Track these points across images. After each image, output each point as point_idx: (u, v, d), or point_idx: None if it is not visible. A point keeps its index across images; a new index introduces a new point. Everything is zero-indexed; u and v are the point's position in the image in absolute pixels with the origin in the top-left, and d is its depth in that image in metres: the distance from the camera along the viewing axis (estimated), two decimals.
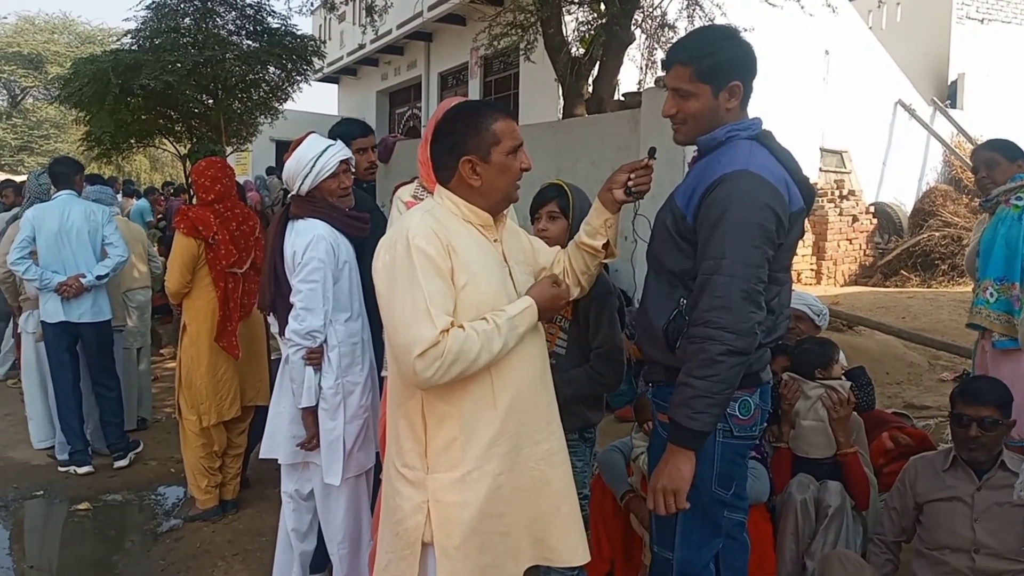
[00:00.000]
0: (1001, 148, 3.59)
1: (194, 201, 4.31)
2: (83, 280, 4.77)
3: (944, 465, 2.86)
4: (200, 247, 4.03)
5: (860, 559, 2.88)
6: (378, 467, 2.99)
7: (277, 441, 3.14)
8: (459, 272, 1.96)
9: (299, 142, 3.10)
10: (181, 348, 4.24)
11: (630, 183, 2.25)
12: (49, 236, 4.81)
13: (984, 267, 3.50)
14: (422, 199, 2.59)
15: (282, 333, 3.04)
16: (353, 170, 3.20)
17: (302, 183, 3.00)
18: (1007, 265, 3.40)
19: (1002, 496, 2.70)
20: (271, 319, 3.20)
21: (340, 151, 3.06)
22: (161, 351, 7.96)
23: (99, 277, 4.82)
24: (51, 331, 4.89)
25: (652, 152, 2.29)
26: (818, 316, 3.68)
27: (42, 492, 4.73)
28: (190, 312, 4.14)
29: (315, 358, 2.96)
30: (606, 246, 2.31)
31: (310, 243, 2.93)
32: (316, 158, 2.99)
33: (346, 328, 3.01)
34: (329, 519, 3.09)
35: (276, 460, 3.18)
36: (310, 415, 2.98)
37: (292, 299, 2.94)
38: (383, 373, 2.96)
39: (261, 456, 3.34)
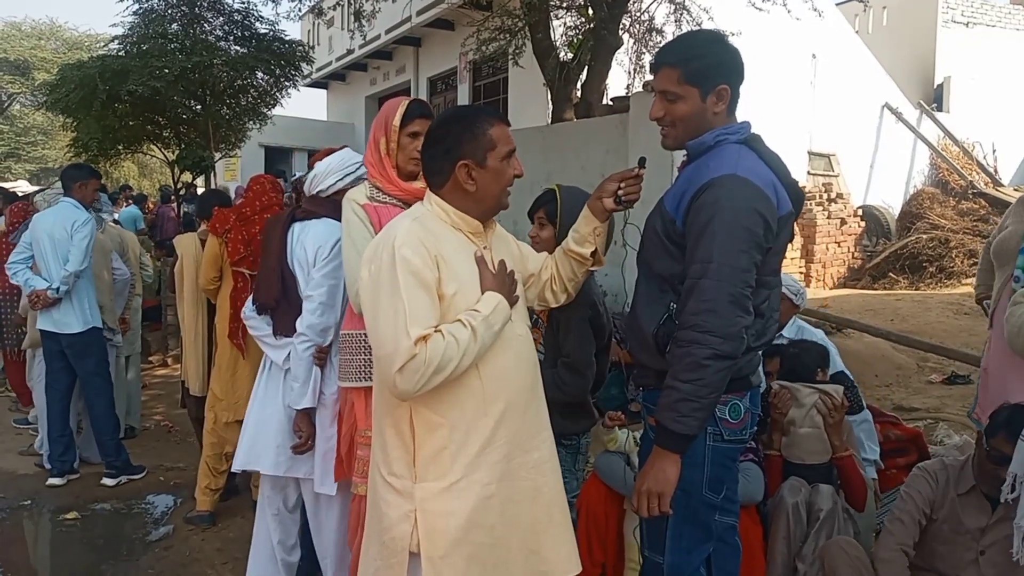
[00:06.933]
0: None
1: None
2: (48, 292, 4.69)
3: (960, 490, 2.71)
4: (222, 245, 4.02)
5: (860, 547, 2.79)
6: None
7: (260, 450, 3.02)
8: (448, 280, 1.95)
9: (333, 150, 3.08)
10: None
11: (620, 192, 2.26)
12: (35, 243, 4.81)
13: None
14: (380, 200, 2.57)
15: (277, 333, 3.00)
16: None
17: (334, 183, 2.96)
18: None
19: (1011, 528, 2.50)
20: (255, 321, 3.13)
21: None
22: (150, 358, 7.91)
23: (57, 289, 4.71)
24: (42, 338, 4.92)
25: (642, 162, 2.30)
26: (796, 295, 3.58)
27: (29, 501, 4.69)
28: (219, 311, 4.17)
29: (322, 358, 2.89)
30: (594, 254, 2.32)
31: (339, 241, 2.83)
32: (361, 165, 2.92)
33: None
34: (320, 530, 3.00)
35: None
36: (306, 417, 2.89)
37: (311, 291, 2.87)
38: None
39: (235, 468, 3.25)
